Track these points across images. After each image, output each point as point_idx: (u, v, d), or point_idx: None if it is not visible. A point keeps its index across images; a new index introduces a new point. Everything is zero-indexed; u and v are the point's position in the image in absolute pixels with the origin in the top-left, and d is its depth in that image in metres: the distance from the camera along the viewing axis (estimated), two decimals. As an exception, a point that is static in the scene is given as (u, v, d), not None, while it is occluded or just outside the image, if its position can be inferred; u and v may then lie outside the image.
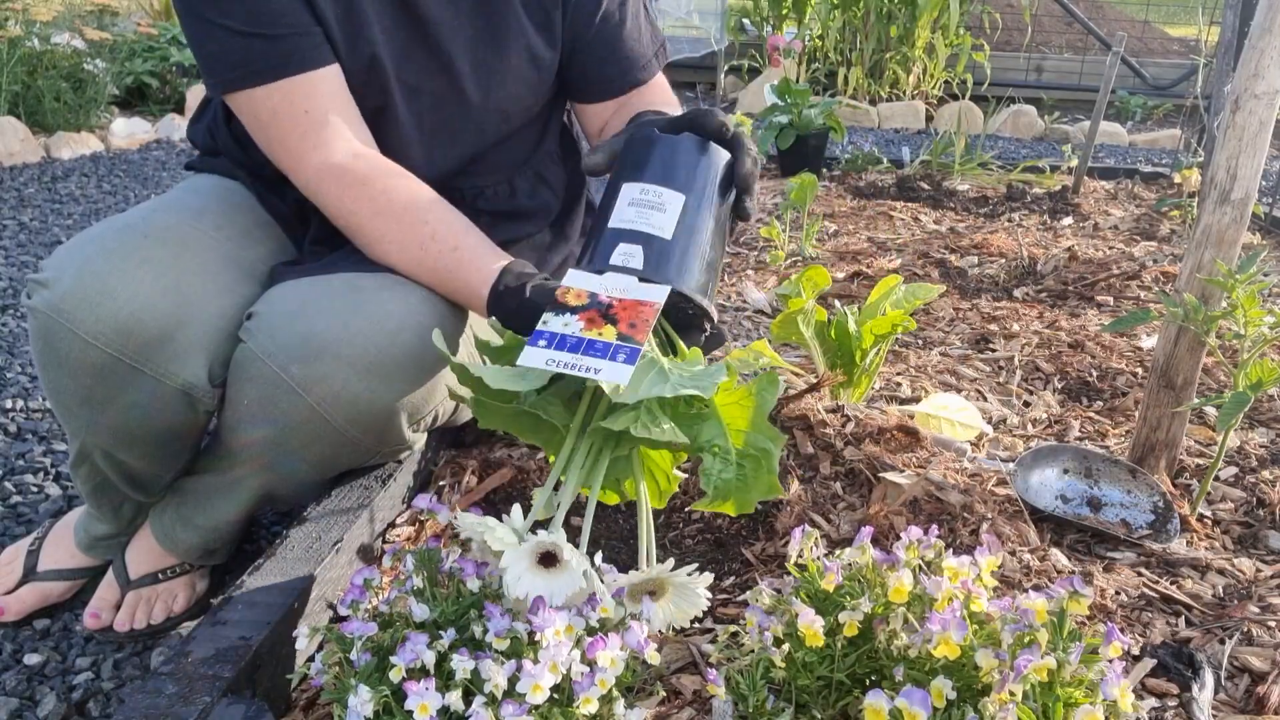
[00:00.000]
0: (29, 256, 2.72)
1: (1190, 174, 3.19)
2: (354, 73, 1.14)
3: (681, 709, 0.90)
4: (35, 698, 1.13)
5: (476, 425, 1.42)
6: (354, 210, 1.09)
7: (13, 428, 1.73)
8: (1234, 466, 1.38)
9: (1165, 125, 5.47)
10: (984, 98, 5.46)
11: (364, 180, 1.09)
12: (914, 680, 0.77)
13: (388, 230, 1.09)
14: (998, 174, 3.59)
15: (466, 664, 0.77)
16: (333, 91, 1.11)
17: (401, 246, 1.09)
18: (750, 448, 0.93)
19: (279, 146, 1.11)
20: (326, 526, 1.11)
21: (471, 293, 1.07)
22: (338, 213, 1.11)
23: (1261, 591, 1.06)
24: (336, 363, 1.02)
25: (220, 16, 1.05)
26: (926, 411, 1.42)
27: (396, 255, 1.09)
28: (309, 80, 1.08)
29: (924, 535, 0.87)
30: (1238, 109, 1.14)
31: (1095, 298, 2.18)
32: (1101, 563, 1.12)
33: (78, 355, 1.01)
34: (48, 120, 4.06)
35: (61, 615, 1.27)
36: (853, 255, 2.52)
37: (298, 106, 1.08)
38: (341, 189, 1.09)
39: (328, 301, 1.04)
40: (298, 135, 1.09)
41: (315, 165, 1.09)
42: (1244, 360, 1.14)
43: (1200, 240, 1.18)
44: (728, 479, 0.92)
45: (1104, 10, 7.11)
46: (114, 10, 5.29)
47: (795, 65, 5.50)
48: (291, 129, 1.09)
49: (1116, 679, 0.74)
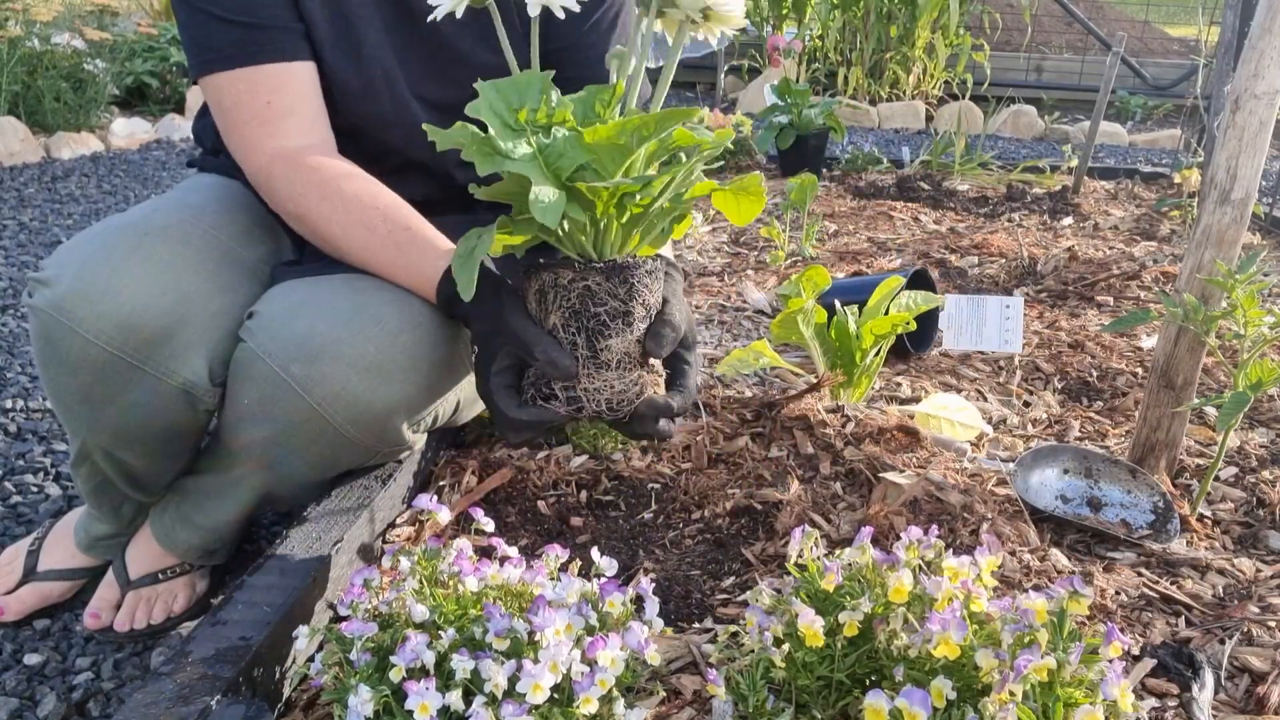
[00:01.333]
0: (29, 256, 2.72)
1: (1190, 174, 3.19)
2: (347, 71, 1.14)
3: (681, 709, 0.90)
4: (35, 698, 1.13)
5: (476, 425, 1.43)
6: (303, 194, 1.09)
7: (13, 428, 1.73)
8: (1234, 466, 1.38)
9: (1165, 125, 5.47)
10: (984, 98, 5.46)
11: (315, 167, 1.09)
12: (914, 680, 0.77)
13: (335, 212, 1.08)
14: (998, 174, 3.59)
15: (466, 664, 0.77)
16: (300, 88, 1.12)
17: (347, 226, 1.08)
18: None
19: (237, 134, 1.12)
20: (326, 526, 1.11)
21: (421, 272, 1.05)
22: (287, 197, 1.11)
23: (1261, 591, 1.06)
24: (337, 362, 1.02)
25: (207, 4, 1.09)
26: (926, 411, 1.42)
27: (342, 237, 1.08)
28: (277, 71, 1.10)
29: (924, 535, 0.87)
30: (1238, 109, 1.14)
31: (1095, 298, 2.18)
32: (1101, 563, 1.12)
33: (78, 353, 1.01)
34: (48, 120, 4.06)
35: (61, 615, 1.27)
36: (853, 255, 2.52)
37: (260, 96, 1.10)
38: (292, 173, 1.09)
39: (328, 301, 1.04)
40: (256, 123, 1.10)
41: (269, 152, 1.10)
42: (1244, 360, 1.14)
43: (1200, 240, 1.18)
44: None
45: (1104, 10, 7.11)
46: (114, 10, 5.29)
47: (795, 65, 5.50)
48: (251, 117, 1.10)
49: (1116, 679, 0.74)
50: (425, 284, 1.06)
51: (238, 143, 1.13)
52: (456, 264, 0.91)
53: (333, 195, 1.08)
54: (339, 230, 1.08)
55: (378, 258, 1.08)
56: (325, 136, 1.14)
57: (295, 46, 1.12)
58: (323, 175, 1.09)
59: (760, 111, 3.87)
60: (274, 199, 1.13)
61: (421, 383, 1.09)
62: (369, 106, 1.18)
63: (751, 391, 1.58)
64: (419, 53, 1.18)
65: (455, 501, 1.27)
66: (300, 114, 1.12)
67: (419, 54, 1.18)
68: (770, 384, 1.67)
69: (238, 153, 1.13)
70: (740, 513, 1.23)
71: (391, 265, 1.08)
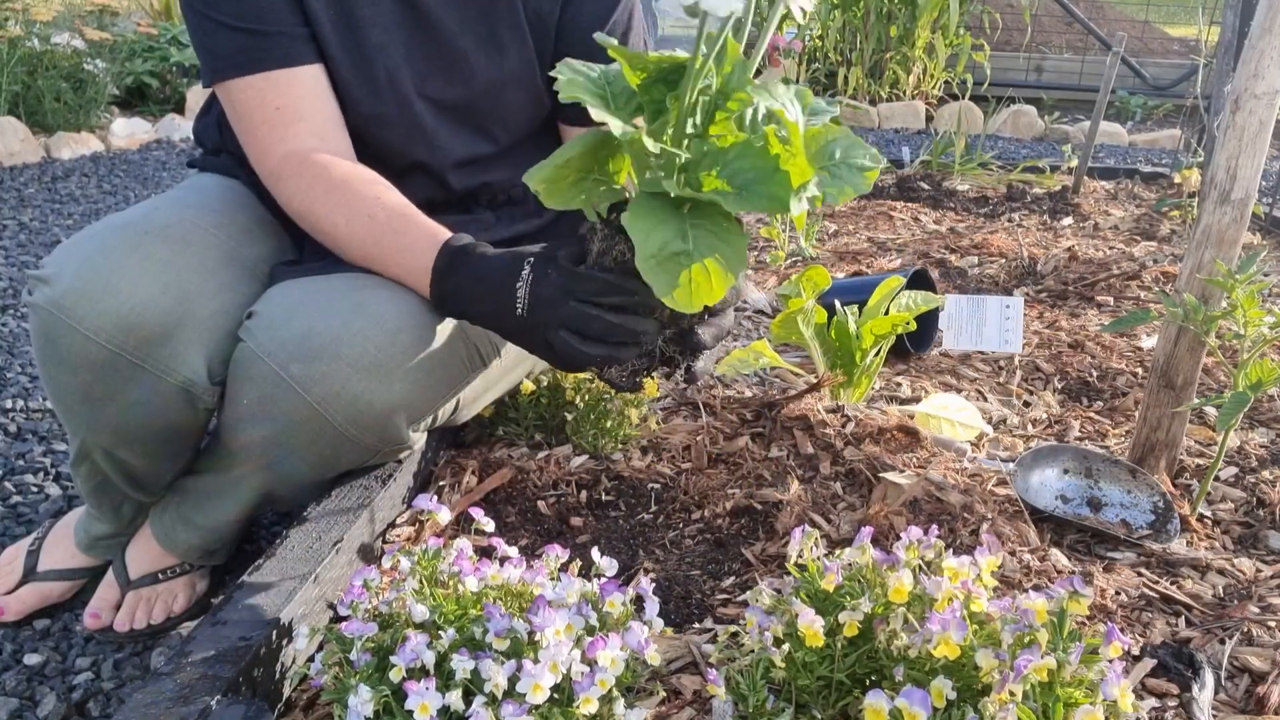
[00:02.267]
0: (29, 256, 2.72)
1: (1190, 174, 3.19)
2: (351, 70, 1.14)
3: (681, 709, 0.90)
4: (35, 698, 1.13)
5: (476, 425, 1.43)
6: (309, 189, 1.09)
7: (13, 428, 1.73)
8: (1234, 466, 1.38)
9: (1165, 125, 5.47)
10: (984, 98, 5.46)
11: (325, 165, 1.10)
12: (914, 680, 0.77)
13: (338, 205, 1.08)
14: (998, 174, 3.58)
15: (466, 664, 0.77)
16: (309, 91, 1.12)
17: (350, 219, 1.07)
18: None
19: (250, 138, 1.13)
20: (326, 526, 1.11)
21: (419, 262, 1.04)
22: (294, 194, 1.11)
23: (1261, 591, 1.06)
24: (337, 362, 1.02)
25: (212, 11, 1.10)
26: (926, 411, 1.42)
27: (345, 229, 1.08)
28: (283, 77, 1.11)
29: (924, 535, 0.87)
30: (1238, 109, 1.14)
31: (1095, 298, 2.18)
32: (1101, 563, 1.12)
33: (78, 351, 1.01)
34: (48, 120, 4.06)
35: (61, 615, 1.27)
36: (853, 255, 2.52)
37: (269, 102, 1.11)
38: (300, 170, 1.10)
39: (328, 301, 1.04)
40: (267, 128, 1.11)
41: (280, 156, 1.11)
42: (1244, 360, 1.14)
43: (1200, 240, 1.18)
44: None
45: (1104, 10, 7.11)
46: (114, 10, 5.29)
47: (795, 65, 5.50)
48: (262, 122, 1.11)
49: (1116, 679, 0.74)
50: (422, 275, 1.05)
51: (251, 146, 1.14)
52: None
53: (338, 188, 1.08)
54: (342, 221, 1.08)
55: (379, 247, 1.07)
56: (338, 139, 1.14)
57: (300, 51, 1.12)
58: (329, 173, 1.09)
59: (760, 111, 3.86)
60: (283, 198, 1.13)
61: (422, 381, 1.09)
62: (372, 106, 1.18)
63: (751, 391, 1.58)
64: (424, 52, 1.19)
65: (455, 501, 1.27)
66: (310, 118, 1.12)
67: (424, 53, 1.19)
68: (770, 384, 1.67)
69: (251, 156, 1.14)
70: (740, 513, 1.23)
71: (393, 253, 1.07)
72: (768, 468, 1.30)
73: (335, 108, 1.15)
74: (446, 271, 1.03)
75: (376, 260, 1.08)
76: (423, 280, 1.05)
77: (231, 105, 1.13)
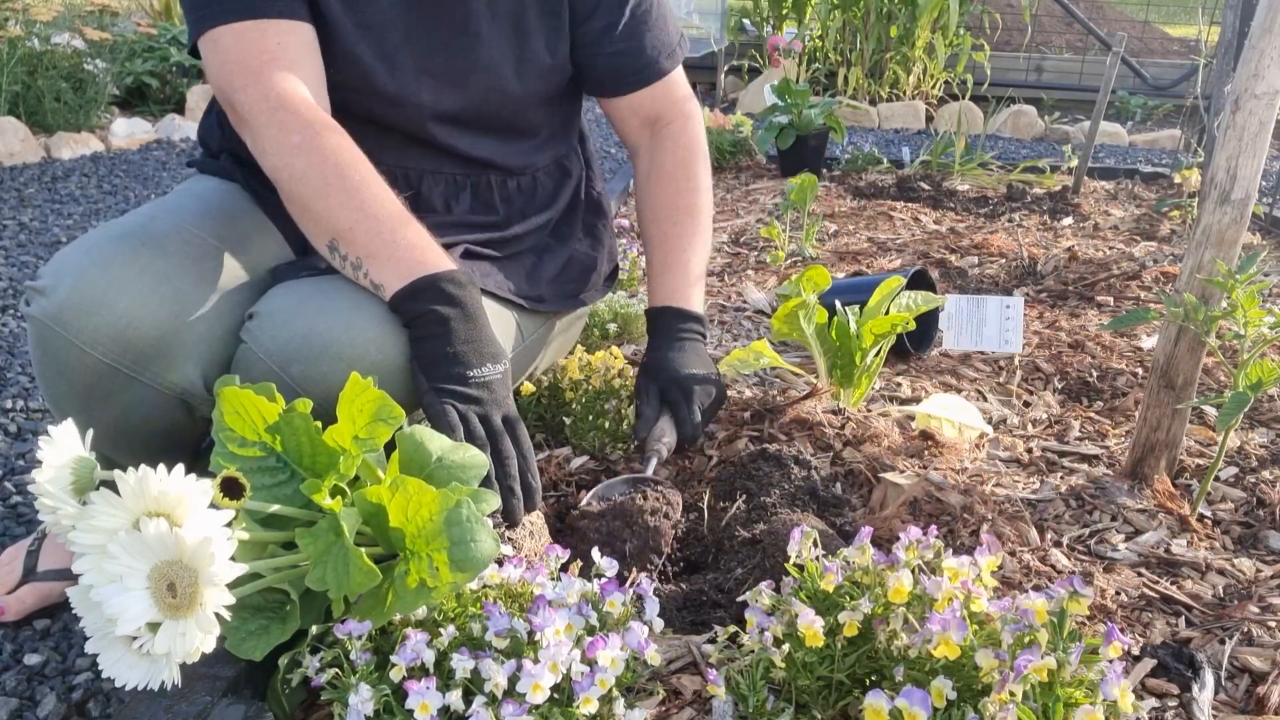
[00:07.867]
0: (29, 256, 2.72)
1: (1190, 174, 3.19)
2: (352, 32, 1.15)
3: (681, 709, 0.90)
4: (35, 698, 1.13)
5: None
6: (284, 135, 1.06)
7: (13, 428, 1.73)
8: (1234, 466, 1.38)
9: (1165, 125, 5.47)
10: (984, 98, 5.46)
11: (303, 112, 1.07)
12: (914, 680, 0.77)
13: (310, 164, 1.05)
14: (998, 174, 3.59)
15: (466, 663, 0.77)
16: (300, 45, 1.11)
17: (324, 184, 1.05)
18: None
19: (238, 67, 1.08)
20: (326, 526, 1.11)
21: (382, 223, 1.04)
22: (269, 140, 1.06)
23: (1261, 591, 1.06)
24: (337, 362, 1.02)
25: None
26: (927, 412, 1.42)
27: (316, 198, 1.05)
28: (277, 27, 1.09)
29: (924, 535, 0.87)
30: (1238, 109, 1.14)
31: (1095, 298, 2.18)
32: (1101, 563, 1.12)
33: (75, 363, 1.01)
34: (48, 120, 4.06)
35: (61, 615, 1.27)
36: (853, 255, 2.52)
37: (270, 39, 1.08)
38: (280, 116, 1.06)
39: (328, 301, 1.04)
40: (251, 74, 1.07)
41: (259, 94, 1.06)
42: (1244, 360, 1.14)
43: (1200, 240, 1.18)
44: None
45: (1104, 10, 7.11)
46: (114, 10, 5.29)
47: (795, 65, 5.50)
48: (260, 53, 1.08)
49: (1116, 679, 0.74)
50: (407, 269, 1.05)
51: (238, 73, 1.08)
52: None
53: (312, 147, 1.05)
54: (316, 181, 1.05)
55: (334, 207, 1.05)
56: (320, 95, 1.13)
57: (298, 10, 1.11)
58: (308, 120, 1.06)
59: (760, 112, 3.87)
60: (252, 136, 1.09)
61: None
62: (372, 78, 1.18)
63: (751, 392, 1.58)
64: (429, 25, 1.19)
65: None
66: (298, 70, 1.09)
67: (429, 27, 1.19)
68: (770, 384, 1.67)
69: (234, 83, 1.09)
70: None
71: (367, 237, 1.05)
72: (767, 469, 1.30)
73: (323, 71, 1.14)
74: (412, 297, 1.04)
75: (347, 235, 1.06)
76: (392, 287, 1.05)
77: (218, 54, 1.09)
